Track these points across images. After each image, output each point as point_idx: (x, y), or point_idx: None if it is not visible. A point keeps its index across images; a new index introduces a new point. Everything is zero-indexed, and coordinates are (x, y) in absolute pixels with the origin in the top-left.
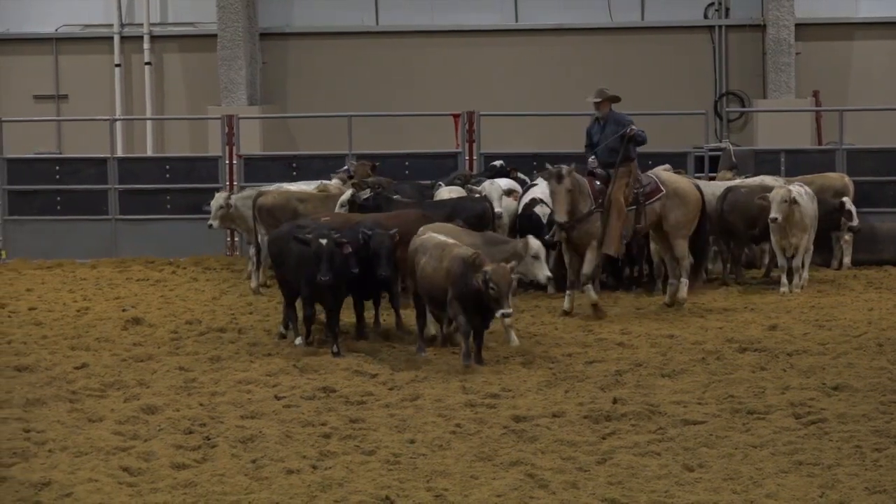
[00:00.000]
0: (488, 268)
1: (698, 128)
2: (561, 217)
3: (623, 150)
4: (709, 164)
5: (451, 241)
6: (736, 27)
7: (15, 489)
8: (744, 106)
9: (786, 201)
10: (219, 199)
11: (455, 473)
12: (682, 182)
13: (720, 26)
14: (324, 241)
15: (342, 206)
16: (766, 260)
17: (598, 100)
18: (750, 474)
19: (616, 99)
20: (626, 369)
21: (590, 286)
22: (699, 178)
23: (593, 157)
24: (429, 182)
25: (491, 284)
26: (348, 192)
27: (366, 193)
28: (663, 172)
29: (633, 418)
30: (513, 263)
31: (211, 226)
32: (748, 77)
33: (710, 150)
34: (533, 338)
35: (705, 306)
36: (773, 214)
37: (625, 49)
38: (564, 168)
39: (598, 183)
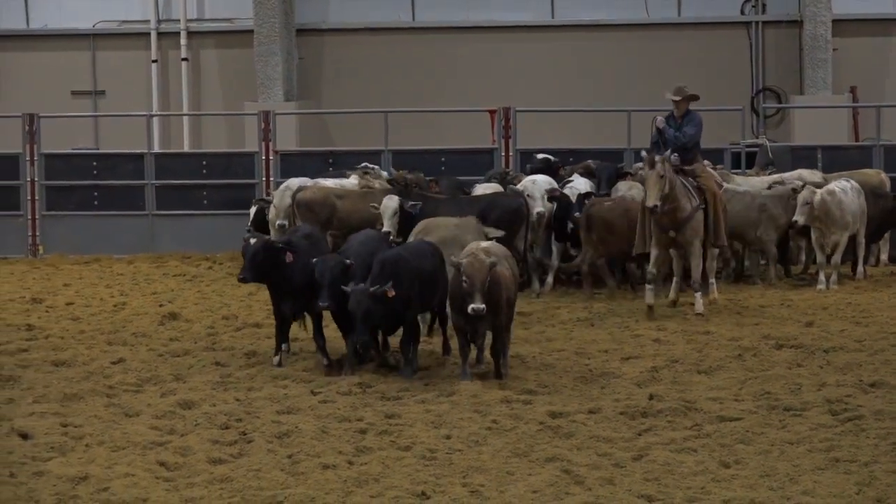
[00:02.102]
0: (463, 260)
1: (735, 124)
2: (650, 201)
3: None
4: (745, 161)
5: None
6: (772, 23)
7: (52, 483)
8: (780, 102)
9: (808, 203)
10: (388, 206)
11: (491, 469)
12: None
13: (757, 22)
14: (252, 241)
15: (394, 214)
16: (804, 256)
17: (678, 98)
18: (786, 471)
19: (695, 97)
20: (662, 366)
21: (699, 295)
22: (736, 174)
23: (675, 154)
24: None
25: (463, 277)
26: (396, 200)
27: (418, 205)
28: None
29: (669, 415)
30: (492, 259)
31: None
32: (785, 73)
33: (747, 146)
34: (569, 334)
35: (741, 303)
36: (795, 217)
37: (661, 45)
38: (658, 156)
39: (693, 179)
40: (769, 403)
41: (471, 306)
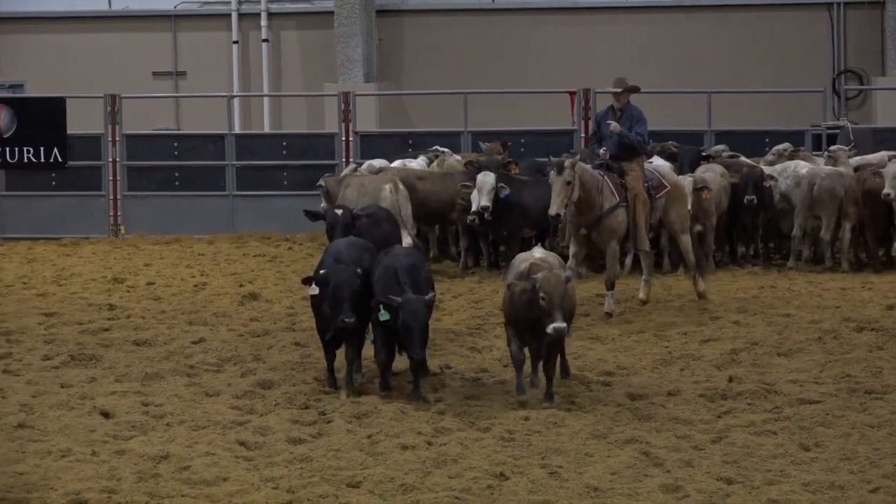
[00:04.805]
0: (538, 275)
1: (816, 106)
2: (552, 209)
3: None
4: (826, 143)
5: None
6: (854, 4)
7: (134, 462)
8: (862, 83)
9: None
10: (487, 181)
11: (569, 451)
12: (678, 177)
13: (838, 3)
14: (339, 212)
15: (493, 189)
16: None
17: (619, 90)
18: (867, 454)
19: (636, 90)
20: (742, 348)
21: (611, 294)
22: (817, 156)
23: (604, 149)
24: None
25: (541, 294)
26: (493, 176)
27: (505, 190)
28: (662, 167)
29: (749, 397)
30: (568, 272)
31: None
32: (867, 54)
33: (828, 128)
34: (648, 315)
35: (822, 285)
36: (885, 190)
37: (742, 26)
38: (568, 160)
39: (617, 177)
40: (850, 386)
41: (552, 325)
